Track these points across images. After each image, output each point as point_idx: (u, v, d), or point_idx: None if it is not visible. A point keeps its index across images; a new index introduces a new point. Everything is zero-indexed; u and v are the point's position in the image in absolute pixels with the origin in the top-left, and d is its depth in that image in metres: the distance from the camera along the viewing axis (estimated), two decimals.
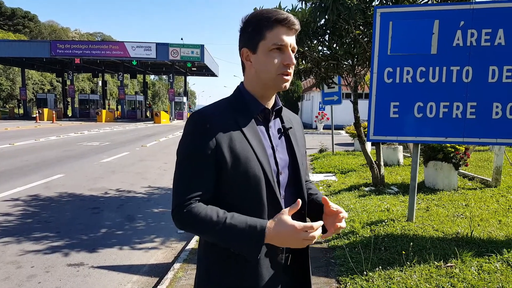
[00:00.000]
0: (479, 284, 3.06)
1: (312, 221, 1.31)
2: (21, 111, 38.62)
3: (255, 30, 1.22)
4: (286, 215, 1.15)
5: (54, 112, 30.77)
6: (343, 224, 1.24)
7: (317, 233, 1.15)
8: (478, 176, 7.31)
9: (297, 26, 1.23)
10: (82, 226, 5.12)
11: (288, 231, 1.13)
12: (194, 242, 4.41)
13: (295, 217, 1.18)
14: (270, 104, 1.31)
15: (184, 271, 3.64)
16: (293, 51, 1.25)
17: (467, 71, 4.08)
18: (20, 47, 32.68)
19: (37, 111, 31.74)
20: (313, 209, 1.37)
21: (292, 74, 1.26)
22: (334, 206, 1.26)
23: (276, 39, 1.20)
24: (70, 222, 5.28)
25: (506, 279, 3.13)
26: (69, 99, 39.68)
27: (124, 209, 5.97)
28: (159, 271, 3.85)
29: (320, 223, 1.17)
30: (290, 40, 1.23)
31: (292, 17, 1.22)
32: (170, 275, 3.57)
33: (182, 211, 1.16)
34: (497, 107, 4.03)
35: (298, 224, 1.13)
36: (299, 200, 1.17)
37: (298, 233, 1.13)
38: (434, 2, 5.16)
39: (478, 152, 8.81)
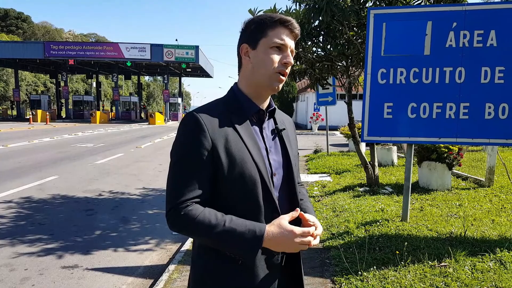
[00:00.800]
0: (473, 283, 3.09)
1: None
2: (15, 112, 38.29)
3: (258, 27, 1.24)
4: (285, 220, 1.18)
5: (47, 113, 30.55)
6: (315, 241, 1.23)
7: (311, 238, 1.19)
8: (472, 176, 7.37)
9: (298, 31, 1.27)
10: (76, 228, 5.09)
11: (287, 236, 1.15)
12: (189, 244, 4.40)
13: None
14: (264, 105, 1.31)
15: (179, 273, 3.64)
16: (291, 54, 1.27)
17: (460, 72, 4.11)
18: (13, 48, 32.44)
19: (30, 113, 31.49)
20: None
21: (286, 76, 1.28)
22: (311, 220, 1.25)
23: (277, 38, 1.23)
24: (64, 224, 5.25)
25: (499, 278, 3.16)
26: (63, 101, 39.42)
27: (118, 210, 5.95)
28: (154, 272, 3.83)
29: (313, 229, 1.21)
30: (290, 42, 1.26)
31: (295, 22, 1.26)
32: (165, 276, 3.56)
33: (178, 214, 1.14)
34: (489, 107, 4.07)
35: (297, 229, 1.16)
36: (298, 209, 1.22)
37: (296, 237, 1.15)
38: (427, 3, 5.20)
39: (471, 152, 8.87)
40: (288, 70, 1.27)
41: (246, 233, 1.13)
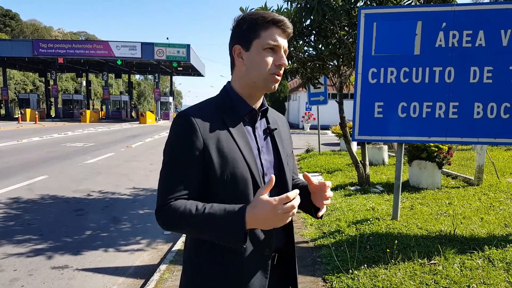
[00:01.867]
0: (462, 280, 3.13)
1: (304, 208, 1.35)
2: (3, 111, 37.73)
3: (250, 28, 1.22)
4: (261, 194, 1.10)
5: (37, 112, 30.16)
6: (330, 193, 1.26)
7: (296, 202, 1.09)
8: (461, 174, 7.46)
9: (291, 30, 1.25)
10: (66, 228, 5.03)
11: (266, 208, 1.07)
12: (180, 243, 4.38)
13: None
14: (257, 105, 1.30)
15: (170, 273, 3.62)
16: (285, 53, 1.26)
17: (449, 72, 4.16)
18: (1, 46, 31.89)
19: (19, 112, 31.04)
20: (302, 197, 1.27)
21: (281, 76, 1.27)
22: (316, 180, 1.26)
23: (270, 39, 1.21)
24: (54, 224, 5.19)
25: (487, 275, 3.20)
26: (52, 99, 38.93)
27: (109, 210, 5.90)
28: (145, 272, 3.81)
29: (296, 191, 1.11)
30: (284, 42, 1.24)
31: (287, 21, 1.23)
32: (156, 276, 3.54)
33: (164, 210, 1.15)
34: (478, 107, 4.12)
35: (273, 198, 1.08)
36: (273, 176, 1.11)
37: (275, 207, 1.07)
38: (417, 3, 5.24)
39: (461, 151, 8.97)
40: (282, 71, 1.25)
41: (225, 215, 1.10)
